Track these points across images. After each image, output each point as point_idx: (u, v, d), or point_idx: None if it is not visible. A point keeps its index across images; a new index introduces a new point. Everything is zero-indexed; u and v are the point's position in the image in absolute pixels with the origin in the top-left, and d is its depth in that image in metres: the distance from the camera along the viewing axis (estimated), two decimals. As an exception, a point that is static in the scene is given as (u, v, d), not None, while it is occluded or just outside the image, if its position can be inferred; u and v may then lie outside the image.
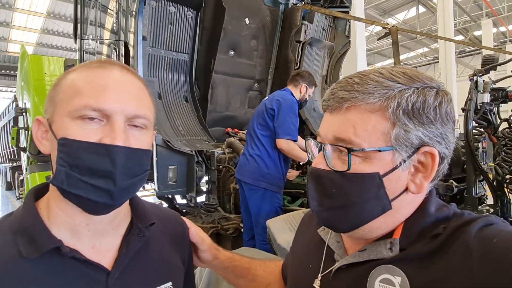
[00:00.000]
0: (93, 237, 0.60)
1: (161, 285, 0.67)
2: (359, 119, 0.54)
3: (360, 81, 0.55)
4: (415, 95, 0.53)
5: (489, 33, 15.45)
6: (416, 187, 0.55)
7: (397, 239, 0.56)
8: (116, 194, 0.56)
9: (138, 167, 0.59)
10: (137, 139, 0.58)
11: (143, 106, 0.60)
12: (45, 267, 0.55)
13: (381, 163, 0.54)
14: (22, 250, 0.54)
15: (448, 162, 0.58)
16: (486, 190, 2.18)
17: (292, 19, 4.05)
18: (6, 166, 11.42)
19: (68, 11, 13.90)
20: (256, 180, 2.51)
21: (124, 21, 3.02)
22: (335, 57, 4.52)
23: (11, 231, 0.57)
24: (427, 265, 0.52)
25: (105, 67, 0.59)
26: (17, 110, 6.97)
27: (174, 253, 0.74)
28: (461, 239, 0.50)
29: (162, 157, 2.70)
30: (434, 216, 0.56)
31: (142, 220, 0.68)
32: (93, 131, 0.55)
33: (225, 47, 3.73)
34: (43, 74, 6.73)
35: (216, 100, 3.87)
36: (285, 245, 1.56)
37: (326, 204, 0.58)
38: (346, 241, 0.66)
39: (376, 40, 17.20)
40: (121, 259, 0.62)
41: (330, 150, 0.58)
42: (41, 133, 0.60)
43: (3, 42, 16.73)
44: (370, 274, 0.56)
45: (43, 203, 0.61)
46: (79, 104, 0.54)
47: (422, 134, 0.53)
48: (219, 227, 2.90)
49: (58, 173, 0.54)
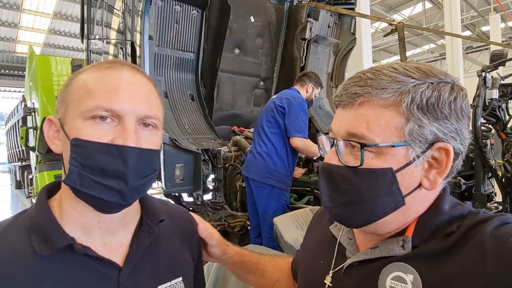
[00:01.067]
0: (104, 235, 0.62)
1: (171, 281, 0.68)
2: (372, 114, 0.54)
3: (374, 76, 0.55)
4: (429, 90, 0.52)
5: (497, 28, 15.19)
6: (430, 183, 0.55)
7: (410, 236, 0.55)
8: (127, 194, 0.57)
9: (149, 167, 0.60)
10: (147, 140, 0.60)
11: (153, 106, 0.61)
12: (59, 264, 0.56)
13: (394, 158, 0.53)
14: (36, 247, 0.55)
15: (463, 159, 0.57)
16: (494, 187, 2.16)
17: (298, 16, 4.03)
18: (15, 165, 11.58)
19: (74, 12, 14.00)
20: (264, 177, 2.51)
21: (130, 21, 3.04)
22: (341, 54, 4.49)
23: (25, 228, 0.58)
24: (440, 263, 0.51)
25: (115, 67, 0.60)
26: (25, 110, 7.06)
27: (184, 249, 0.75)
28: (476, 238, 0.49)
29: (169, 156, 2.73)
30: (448, 214, 0.55)
31: (152, 217, 0.69)
32: (105, 131, 0.56)
33: (231, 45, 3.73)
34: (50, 74, 6.80)
35: (222, 99, 3.88)
36: (292, 242, 1.57)
37: (338, 199, 0.58)
38: (358, 238, 0.66)
39: (382, 37, 17.01)
40: (132, 256, 0.63)
41: (343, 146, 0.57)
42: (52, 133, 0.61)
43: (11, 43, 16.93)
44: (381, 271, 0.55)
45: (55, 202, 0.62)
46: (91, 105, 0.55)
47: (436, 130, 0.53)
48: (226, 224, 2.92)
49: (71, 173, 0.55)
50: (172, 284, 0.67)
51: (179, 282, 0.69)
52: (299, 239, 1.58)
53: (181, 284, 0.69)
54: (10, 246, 0.56)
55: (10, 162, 13.27)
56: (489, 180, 2.05)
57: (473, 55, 20.21)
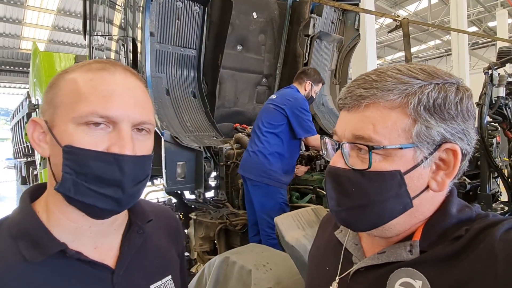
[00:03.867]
0: (95, 238, 0.61)
1: (162, 279, 0.68)
2: (378, 116, 0.53)
3: (378, 78, 0.54)
4: (436, 91, 0.52)
5: (504, 24, 14.97)
6: (438, 185, 0.54)
7: (417, 241, 0.54)
8: (124, 201, 0.57)
9: (142, 173, 0.60)
10: (141, 145, 0.59)
11: (147, 111, 0.61)
12: (51, 269, 0.56)
13: (402, 160, 0.53)
14: (26, 254, 0.54)
15: (469, 159, 0.56)
16: (499, 187, 2.13)
17: (301, 12, 3.98)
18: (21, 161, 11.69)
19: (78, 8, 14.02)
20: (259, 176, 2.52)
21: (131, 17, 3.03)
22: (345, 50, 4.44)
23: (10, 235, 0.56)
24: (449, 268, 0.50)
25: (107, 69, 0.58)
26: (30, 107, 7.11)
27: (171, 247, 0.76)
28: (486, 242, 0.48)
29: (170, 153, 2.72)
30: (456, 218, 0.55)
31: (141, 217, 0.69)
32: (100, 138, 0.55)
33: (233, 42, 3.70)
34: (54, 70, 6.84)
35: (224, 96, 3.86)
36: (293, 243, 1.55)
37: (345, 203, 0.57)
38: (364, 243, 0.65)
39: (387, 33, 16.88)
40: (124, 257, 0.63)
41: (348, 149, 0.57)
42: (38, 135, 0.59)
43: (15, 40, 17.03)
44: (389, 277, 0.54)
45: (40, 206, 0.61)
46: (85, 110, 0.54)
47: (444, 130, 0.52)
48: (228, 222, 2.91)
49: (65, 180, 0.54)
50: (163, 283, 0.68)
51: (169, 280, 0.70)
52: (300, 239, 1.57)
53: (171, 282, 0.70)
54: None
55: (15, 158, 13.40)
56: (494, 180, 2.02)
57: (480, 51, 19.98)
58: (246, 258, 1.83)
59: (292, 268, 1.64)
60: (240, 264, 1.77)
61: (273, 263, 1.78)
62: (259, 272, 1.70)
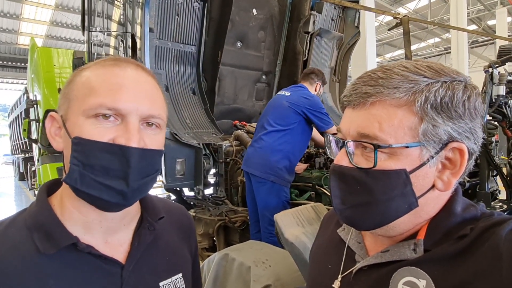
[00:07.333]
0: (105, 233, 0.62)
1: (171, 277, 0.68)
2: (384, 114, 0.52)
3: (385, 76, 0.53)
4: (443, 89, 0.51)
5: (504, 22, 14.96)
6: (444, 184, 0.53)
7: (422, 240, 0.54)
8: (128, 195, 0.57)
9: (150, 167, 0.60)
10: (151, 139, 0.59)
11: (157, 106, 0.61)
12: (62, 262, 0.57)
13: (407, 159, 0.52)
14: (39, 246, 0.56)
15: (476, 158, 0.56)
16: (498, 185, 2.13)
17: (301, 9, 3.97)
18: (18, 157, 11.66)
19: (76, 3, 13.92)
20: (265, 173, 2.49)
21: (131, 13, 3.00)
22: (344, 48, 4.44)
23: (26, 226, 0.58)
24: (453, 267, 0.50)
25: (119, 65, 0.59)
26: (28, 102, 7.08)
27: (182, 245, 0.76)
28: (491, 241, 0.48)
29: (170, 150, 2.71)
30: (460, 216, 0.54)
31: (152, 214, 0.69)
32: (107, 129, 0.55)
33: (233, 38, 3.68)
34: (52, 66, 6.80)
35: (224, 93, 3.85)
36: (293, 240, 1.56)
37: (350, 202, 0.56)
38: (367, 242, 0.64)
39: (387, 31, 16.84)
40: (134, 253, 0.63)
41: (353, 147, 0.56)
42: (54, 130, 0.61)
43: (13, 35, 16.88)
44: (392, 276, 0.54)
45: (56, 200, 0.62)
46: (94, 103, 0.55)
47: (451, 129, 0.51)
48: (227, 219, 2.91)
49: (72, 172, 0.55)
50: (173, 281, 0.68)
51: (179, 278, 0.70)
52: (299, 236, 1.57)
53: (181, 280, 0.70)
54: (13, 245, 0.56)
55: (13, 154, 13.36)
56: (493, 178, 2.02)
57: (479, 50, 19.98)
58: (245, 255, 1.84)
59: (292, 265, 1.64)
60: (240, 261, 1.78)
61: (273, 260, 1.79)
62: (259, 269, 1.71)
